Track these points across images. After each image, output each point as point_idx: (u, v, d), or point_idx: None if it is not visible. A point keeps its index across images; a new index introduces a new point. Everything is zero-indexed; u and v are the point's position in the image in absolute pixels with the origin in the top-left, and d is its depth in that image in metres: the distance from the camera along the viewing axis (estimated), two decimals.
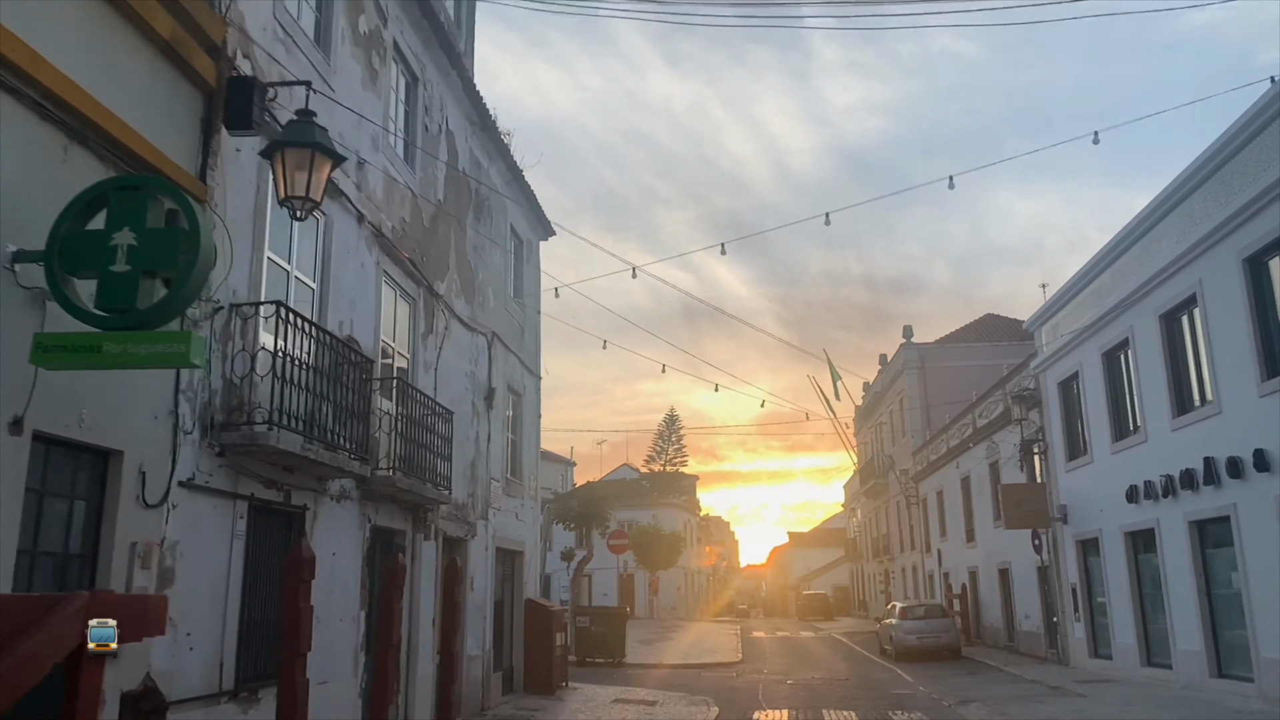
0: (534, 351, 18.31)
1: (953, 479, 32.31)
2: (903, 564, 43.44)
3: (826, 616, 57.27)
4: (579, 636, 23.26)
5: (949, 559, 33.83)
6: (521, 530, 16.72)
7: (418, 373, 11.75)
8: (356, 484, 9.66)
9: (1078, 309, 20.44)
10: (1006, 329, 41.97)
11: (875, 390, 48.20)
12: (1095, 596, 20.36)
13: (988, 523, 28.10)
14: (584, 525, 33.31)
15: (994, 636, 28.10)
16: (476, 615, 13.89)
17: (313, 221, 9.19)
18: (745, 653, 28.24)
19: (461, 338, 13.76)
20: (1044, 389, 22.60)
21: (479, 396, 14.43)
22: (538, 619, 16.56)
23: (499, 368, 15.63)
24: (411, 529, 11.29)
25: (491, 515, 14.83)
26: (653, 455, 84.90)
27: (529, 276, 18.18)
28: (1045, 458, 22.67)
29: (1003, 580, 27.19)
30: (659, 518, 56.59)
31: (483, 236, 15.11)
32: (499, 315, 15.90)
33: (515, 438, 16.96)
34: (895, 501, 44.52)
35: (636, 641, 30.75)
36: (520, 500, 16.74)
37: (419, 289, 11.91)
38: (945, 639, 25.44)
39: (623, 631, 23.13)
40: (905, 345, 41.09)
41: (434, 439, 11.43)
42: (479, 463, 14.25)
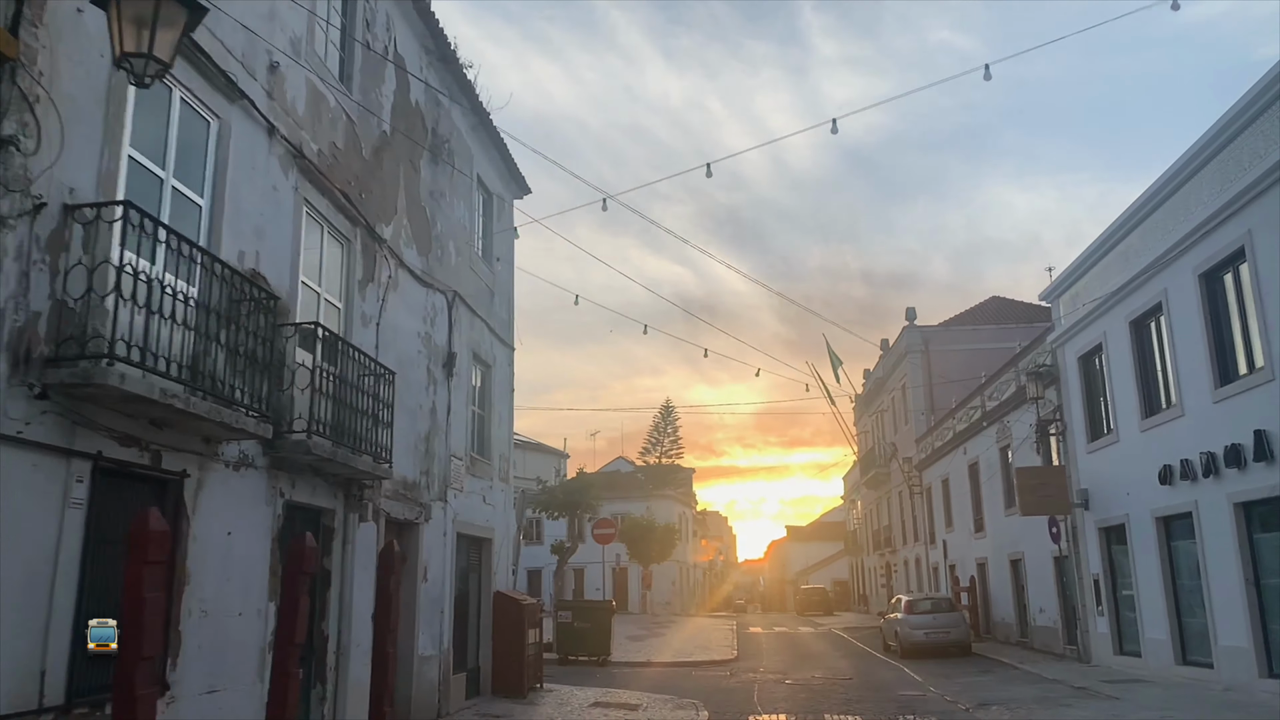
0: (506, 319, 16.61)
1: (959, 466, 30.65)
2: (905, 556, 41.81)
3: (826, 611, 55.68)
4: (560, 633, 21.60)
5: (955, 550, 32.18)
6: (490, 515, 15.03)
7: (353, 326, 10.05)
8: (263, 449, 7.97)
9: (1101, 275, 18.76)
10: (1012, 311, 40.38)
11: (876, 376, 46.54)
12: (1120, 588, 18.71)
13: (998, 511, 26.45)
14: (570, 514, 31.57)
15: (1005, 632, 26.46)
16: (432, 610, 12.21)
17: (202, 124, 7.48)
18: (741, 650, 26.60)
19: (413, 293, 12.06)
20: (1062, 364, 20.92)
21: (436, 362, 12.73)
22: (508, 614, 14.88)
23: (462, 332, 13.93)
24: (343, 508, 9.60)
25: (452, 497, 13.14)
26: (648, 447, 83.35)
27: (501, 237, 16.48)
28: (1063, 439, 21.00)
29: (1015, 572, 25.54)
30: (653, 510, 54.95)
31: (442, 183, 13.41)
32: (463, 274, 14.20)
33: (483, 412, 15.27)
34: (897, 491, 42.87)
35: (625, 638, 29.10)
36: (489, 482, 15.06)
37: (355, 229, 10.21)
38: (954, 634, 23.80)
39: (608, 627, 21.47)
40: (908, 328, 39.42)
41: (372, 403, 9.74)
42: (436, 437, 12.56)
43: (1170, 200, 15.77)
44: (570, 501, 30.70)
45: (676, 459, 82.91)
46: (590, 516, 30.14)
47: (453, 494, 13.17)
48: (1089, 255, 19.13)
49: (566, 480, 31.07)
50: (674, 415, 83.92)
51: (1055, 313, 21.47)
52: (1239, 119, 13.58)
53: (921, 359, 38.69)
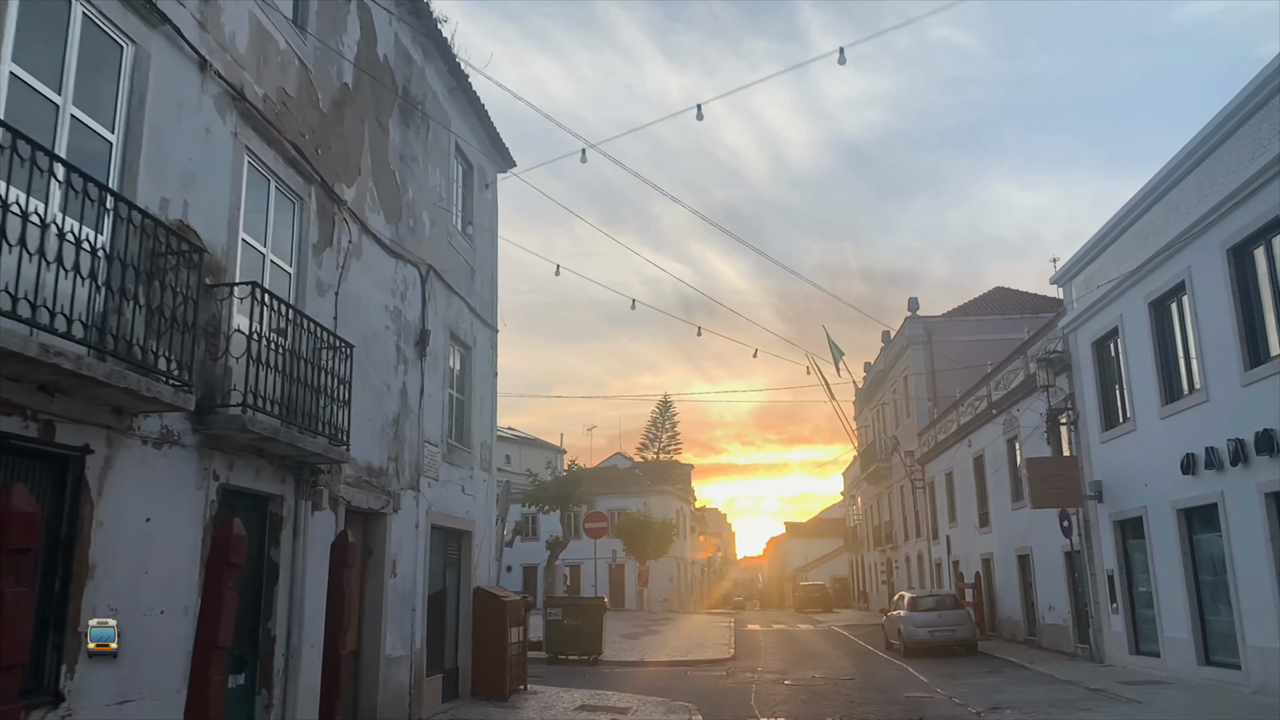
0: (488, 299, 15.64)
1: (964, 459, 29.71)
2: (907, 552, 40.89)
3: (825, 608, 54.76)
4: (550, 631, 20.67)
5: (959, 546, 31.25)
6: (470, 506, 14.08)
7: (306, 293, 9.09)
8: (192, 425, 7.01)
9: (1117, 255, 17.81)
10: (1017, 302, 39.43)
11: (877, 369, 45.59)
12: (1137, 585, 17.77)
13: (1005, 505, 25.52)
14: (562, 509, 30.56)
15: (1011, 629, 25.53)
16: (402, 607, 11.26)
17: (114, 49, 6.52)
18: (738, 648, 25.67)
19: (380, 263, 11.10)
20: (1075, 350, 19.97)
21: (407, 339, 11.77)
22: (488, 611, 13.93)
23: (438, 309, 12.97)
24: (294, 495, 8.64)
25: (426, 486, 12.19)
26: (646, 443, 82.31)
27: (482, 211, 15.51)
28: (1076, 429, 20.06)
29: (1022, 568, 24.61)
30: (650, 505, 54.04)
31: (415, 147, 12.44)
32: (439, 248, 13.24)
33: (462, 397, 14.31)
34: (899, 486, 41.93)
35: (619, 636, 28.17)
36: (469, 471, 14.11)
37: (309, 186, 9.24)
38: (960, 632, 22.88)
39: (599, 625, 20.53)
40: (910, 318, 38.45)
41: (328, 380, 8.79)
42: (406, 421, 11.61)
43: (1196, 171, 14.81)
44: (562, 495, 29.68)
45: (675, 455, 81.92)
46: (589, 507, 29.15)
47: (426, 483, 12.22)
48: (1104, 235, 18.18)
49: (558, 473, 29.98)
50: (672, 411, 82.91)
51: (1067, 297, 20.51)
52: (1274, 80, 12.62)
53: (924, 350, 37.73)
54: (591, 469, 65.07)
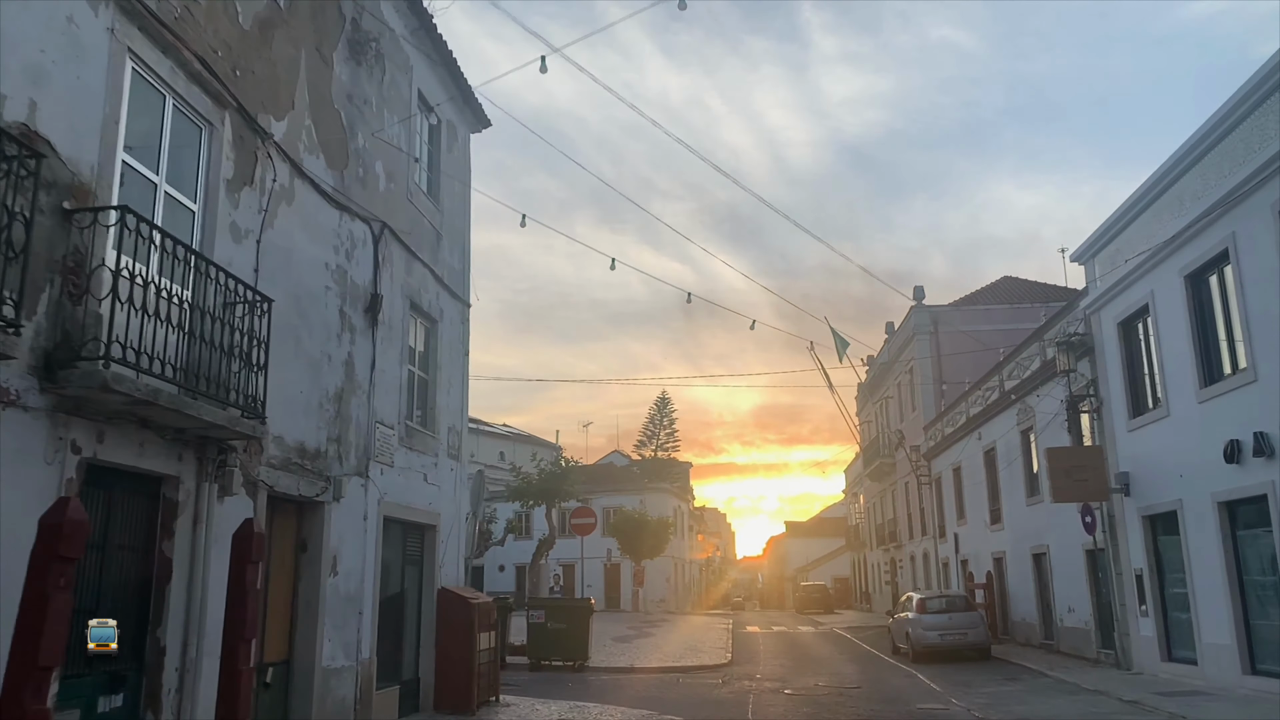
0: (458, 270, 14.17)
1: (974, 453, 28.25)
2: (911, 551, 39.43)
3: (826, 609, 53.33)
4: (533, 635, 19.22)
5: (968, 544, 29.78)
6: (434, 497, 12.61)
7: (216, 235, 7.62)
8: (39, 382, 5.56)
9: (1146, 227, 16.36)
10: (1026, 291, 38.00)
11: (881, 361, 44.11)
12: (1169, 585, 16.31)
13: (1019, 500, 24.05)
14: (548, 504, 29.01)
15: (1026, 633, 24.07)
16: (345, 610, 9.79)
17: None
18: (736, 652, 24.21)
19: (320, 213, 9.64)
20: (1098, 332, 18.50)
21: (354, 305, 10.31)
22: (454, 615, 12.46)
23: (394, 274, 11.51)
24: (195, 476, 7.18)
25: (378, 473, 10.73)
26: (643, 440, 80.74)
27: (452, 172, 14.04)
28: (1099, 416, 18.59)
29: (1038, 567, 23.14)
30: (647, 503, 52.53)
31: (367, 89, 10.97)
32: (397, 205, 11.77)
33: (426, 376, 12.84)
34: (903, 483, 40.48)
35: (610, 639, 26.72)
36: (433, 458, 12.64)
37: (221, 111, 7.78)
38: (972, 636, 21.42)
39: (586, 628, 19.07)
40: (916, 308, 36.98)
41: (242, 340, 7.34)
42: (353, 398, 10.15)
43: (1242, 127, 13.35)
44: (548, 490, 28.11)
45: (673, 453, 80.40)
46: (580, 502, 27.67)
47: (379, 469, 10.75)
48: (1132, 205, 16.72)
49: (544, 467, 28.42)
50: (670, 408, 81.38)
51: (1089, 275, 19.04)
52: None
53: (930, 340, 36.27)
54: (587, 466, 63.79)
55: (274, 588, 8.77)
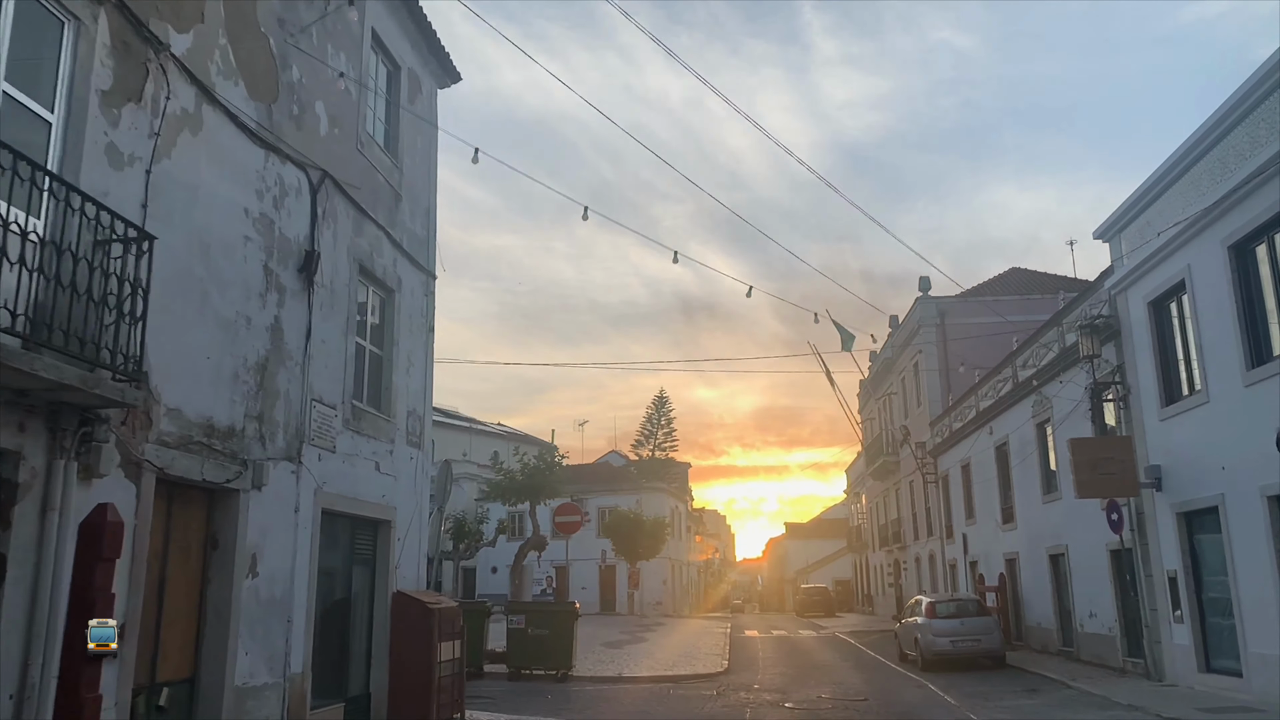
0: (422, 237, 12.73)
1: (984, 448, 26.79)
2: (917, 553, 37.96)
3: (827, 613, 51.83)
4: (512, 642, 17.76)
5: (978, 545, 28.32)
6: (389, 489, 11.16)
7: (85, 158, 6.18)
8: None
9: (1182, 196, 14.91)
10: (1037, 282, 36.57)
11: (884, 357, 42.64)
12: (1208, 589, 14.85)
13: (1034, 497, 22.59)
14: (532, 501, 27.43)
15: (1041, 639, 22.59)
16: (269, 618, 8.33)
17: None
18: (733, 659, 22.73)
19: (237, 150, 8.19)
20: (1125, 313, 17.05)
21: (282, 260, 8.85)
22: (411, 622, 11.00)
23: (338, 232, 10.07)
24: (45, 451, 5.72)
25: (315, 459, 9.28)
26: (640, 440, 79.20)
27: (415, 127, 12.60)
28: (1125, 405, 17.14)
29: (1055, 568, 21.68)
30: (644, 503, 51.03)
31: (304, 16, 9.53)
32: (343, 155, 10.33)
33: (380, 352, 11.40)
34: (908, 481, 39.02)
35: (600, 645, 25.26)
36: (387, 444, 11.18)
37: (94, 6, 6.33)
38: (986, 643, 19.95)
39: (570, 634, 17.60)
40: (921, 299, 35.53)
41: (116, 286, 5.90)
42: (281, 369, 8.70)
43: None
44: (531, 486, 26.51)
45: (671, 453, 78.89)
46: (578, 500, 26.28)
47: (316, 454, 9.30)
48: (1166, 172, 15.27)
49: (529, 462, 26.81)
50: (668, 407, 79.88)
51: (1115, 252, 17.59)
52: None
53: (937, 333, 34.83)
54: (582, 465, 62.29)
55: (174, 592, 7.31)
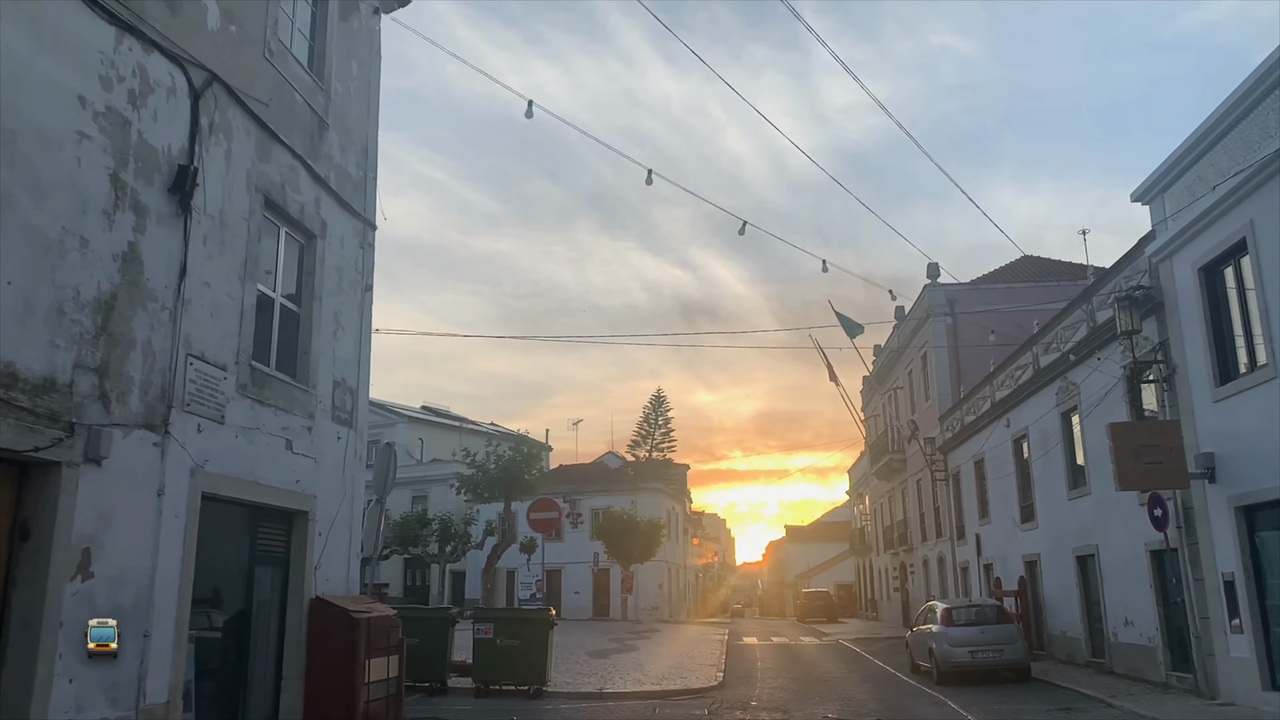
0: (358, 179, 10.80)
1: (1000, 442, 24.84)
2: (924, 555, 35.99)
3: (830, 618, 49.74)
4: (479, 653, 15.80)
5: (992, 546, 26.36)
6: (307, 474, 9.23)
7: None
8: None
9: (1239, 146, 13.00)
10: (1051, 270, 34.67)
11: (890, 349, 40.69)
12: (1271, 595, 12.91)
13: (1058, 493, 20.64)
14: (506, 497, 25.26)
15: (1067, 649, 20.62)
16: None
17: None
18: (729, 670, 20.76)
19: (70, 20, 6.27)
20: (1170, 283, 15.13)
21: (142, 174, 6.92)
22: (332, 634, 9.06)
23: (234, 153, 8.13)
24: None
25: (191, 429, 7.35)
26: (637, 440, 77.10)
27: (349, 49, 10.68)
28: (1170, 386, 15.21)
29: (1083, 571, 19.72)
30: (639, 504, 49.04)
31: None
32: (247, 61, 8.41)
33: (297, 308, 9.46)
34: (915, 480, 37.05)
35: (586, 653, 23.30)
36: (304, 420, 9.25)
37: None
38: (1008, 653, 17.99)
39: (545, 645, 15.64)
40: (930, 287, 33.57)
41: None
42: (138, 311, 6.77)
43: None
44: (506, 481, 24.35)
45: (669, 453, 76.80)
46: (568, 501, 24.35)
47: (192, 423, 7.36)
48: (1221, 119, 13.34)
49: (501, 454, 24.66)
50: (665, 406, 77.79)
51: (1156, 214, 15.65)
52: None
53: (946, 323, 32.88)
54: (575, 465, 60.33)
55: None
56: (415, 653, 15.53)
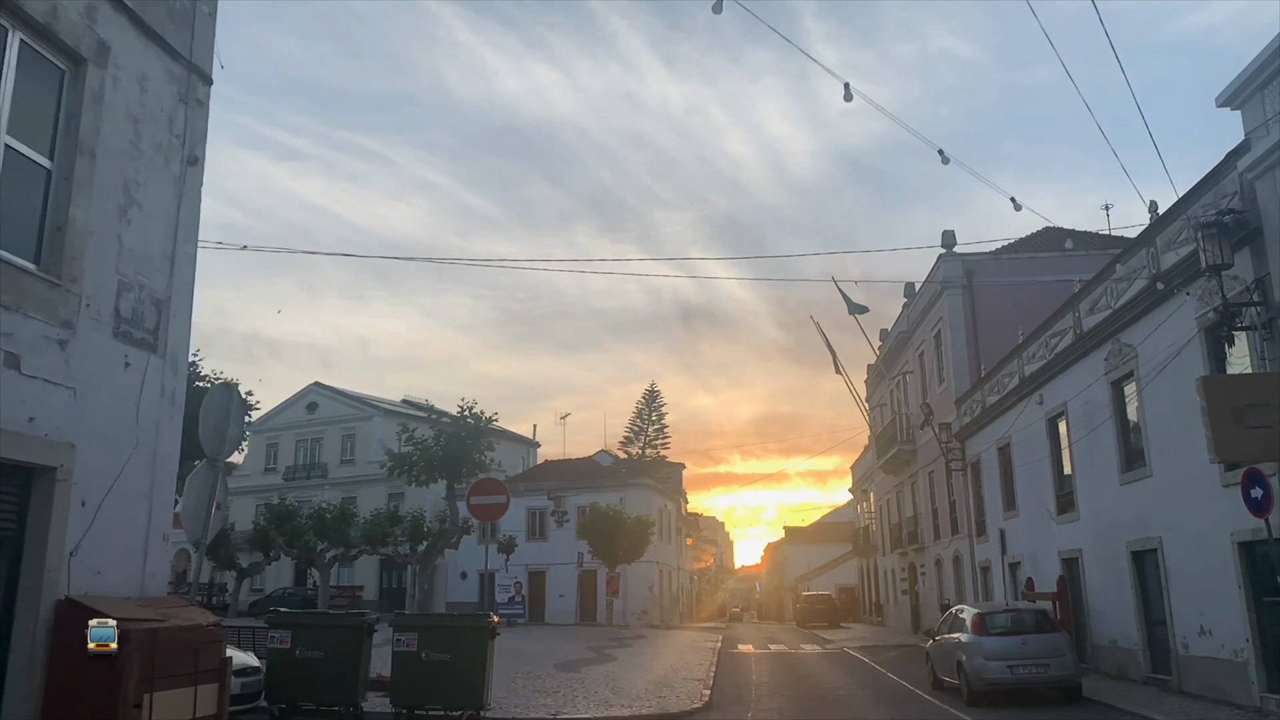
0: (182, 5, 7.60)
1: (1030, 422, 21.69)
2: (938, 554, 32.79)
3: (832, 623, 46.48)
4: (401, 669, 12.56)
5: (1020, 542, 23.19)
6: (53, 409, 6.06)
7: None
8: None
9: None
10: (1078, 241, 31.46)
11: (899, 331, 37.50)
12: None
13: (1107, 477, 17.49)
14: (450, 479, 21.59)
15: (1117, 662, 17.44)
16: None
17: None
18: (718, 686, 17.59)
19: None
20: (1273, 202, 11.97)
21: None
22: (82, 652, 5.85)
23: None
24: None
25: None
26: (629, 437, 73.84)
27: None
28: (1271, 333, 12.05)
29: (1139, 569, 16.54)
30: (628, 501, 45.78)
31: None
32: None
33: (48, 164, 6.28)
34: (927, 473, 33.87)
35: (554, 666, 20.11)
36: (53, 326, 6.08)
37: None
38: (1056, 669, 14.83)
39: (483, 658, 12.42)
40: (945, 257, 30.38)
41: None
42: None
43: None
44: (450, 460, 20.73)
45: (662, 450, 73.55)
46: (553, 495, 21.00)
47: None
48: None
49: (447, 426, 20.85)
50: (659, 401, 74.51)
51: (1250, 119, 12.50)
52: None
53: (963, 296, 29.69)
54: (565, 461, 57.10)
55: None
56: (319, 670, 12.42)
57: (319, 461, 56.30)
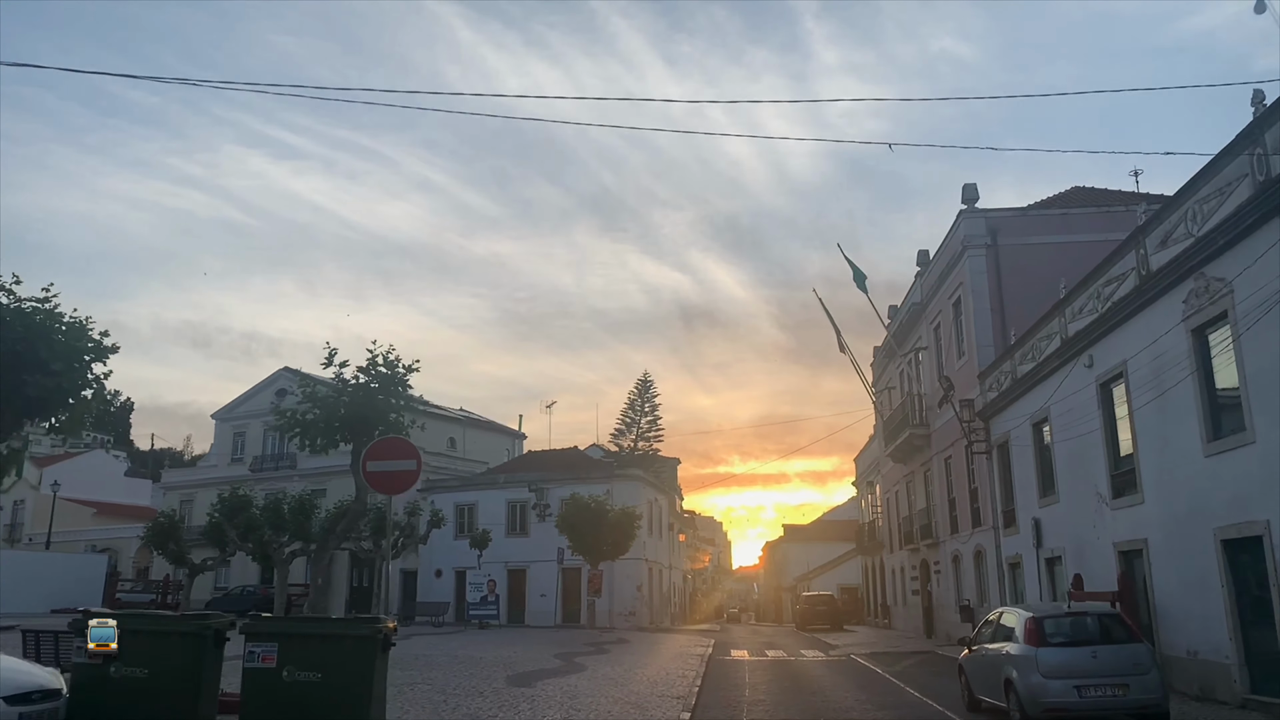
0: None
1: (1075, 390, 18.29)
2: (955, 549, 29.37)
3: (834, 625, 43.04)
4: (254, 692, 9.12)
5: (1059, 533, 19.75)
6: None
7: None
8: None
9: None
10: (1108, 199, 28.09)
11: (911, 303, 34.06)
12: None
13: (1185, 450, 14.08)
14: (355, 443, 17.40)
15: (1200, 678, 14.00)
16: None
17: None
18: (701, 704, 14.19)
19: None
20: None
21: None
22: None
23: None
24: None
25: None
26: (621, 429, 70.52)
27: None
28: None
29: (1232, 563, 13.13)
30: (614, 493, 42.31)
31: None
32: None
33: None
34: (943, 459, 30.44)
35: (506, 678, 16.68)
36: None
37: None
38: (1137, 689, 11.41)
39: (368, 679, 9.02)
40: (966, 213, 26.93)
41: None
42: None
43: None
44: (354, 420, 16.61)
45: (655, 443, 70.17)
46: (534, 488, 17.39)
47: None
48: None
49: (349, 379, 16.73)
50: (652, 392, 71.16)
51: None
52: None
53: (987, 257, 26.27)
54: (550, 451, 53.65)
55: None
56: (145, 690, 9.01)
57: (288, 452, 52.76)
